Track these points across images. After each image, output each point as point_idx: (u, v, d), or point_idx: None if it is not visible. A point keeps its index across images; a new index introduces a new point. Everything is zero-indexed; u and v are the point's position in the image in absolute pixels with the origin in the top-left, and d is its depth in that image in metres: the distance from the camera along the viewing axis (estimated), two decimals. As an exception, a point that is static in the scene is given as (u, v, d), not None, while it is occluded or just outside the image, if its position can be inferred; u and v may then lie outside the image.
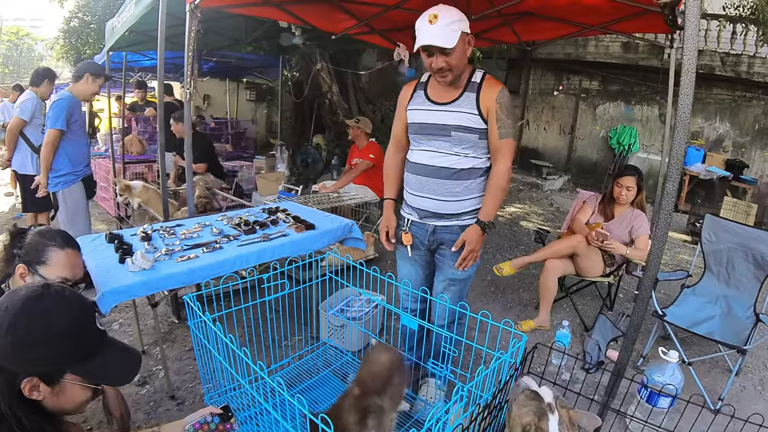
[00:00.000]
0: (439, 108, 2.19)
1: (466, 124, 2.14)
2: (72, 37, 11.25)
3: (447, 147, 2.19)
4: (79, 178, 3.76)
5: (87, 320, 1.28)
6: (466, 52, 2.08)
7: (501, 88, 2.15)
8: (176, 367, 2.81)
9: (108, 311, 1.91)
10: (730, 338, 2.89)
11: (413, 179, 2.31)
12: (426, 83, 2.28)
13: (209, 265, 2.19)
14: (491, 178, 2.23)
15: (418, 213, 2.33)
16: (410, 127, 2.30)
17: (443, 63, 2.01)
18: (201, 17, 2.90)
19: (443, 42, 1.94)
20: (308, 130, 9.20)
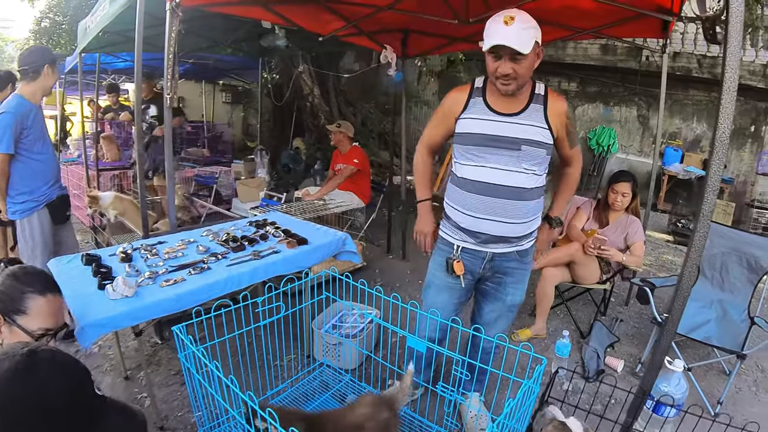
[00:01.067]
0: (505, 119, 1.99)
1: (537, 138, 1.97)
2: (43, 38, 10.90)
3: (514, 163, 1.99)
4: (41, 204, 3.05)
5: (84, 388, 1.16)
6: (535, 63, 1.91)
7: (565, 101, 2.06)
8: (163, 394, 2.64)
9: (89, 346, 1.74)
10: (727, 342, 2.89)
11: (473, 200, 2.06)
12: (483, 89, 2.05)
13: (198, 288, 2.03)
14: (567, 177, 2.25)
15: (476, 238, 2.11)
16: (466, 137, 2.06)
17: (510, 69, 1.83)
18: (183, 17, 2.74)
19: (518, 45, 1.77)
20: (288, 133, 9.02)
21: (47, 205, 3.08)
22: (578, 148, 2.18)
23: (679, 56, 8.61)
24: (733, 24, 1.40)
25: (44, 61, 2.96)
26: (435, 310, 2.16)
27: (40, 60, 2.95)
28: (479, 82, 2.07)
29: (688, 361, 3.07)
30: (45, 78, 2.98)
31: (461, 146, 2.09)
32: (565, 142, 2.08)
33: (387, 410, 1.61)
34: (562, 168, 2.27)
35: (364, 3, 3.62)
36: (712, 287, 3.42)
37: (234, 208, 5.48)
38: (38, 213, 3.05)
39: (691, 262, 1.62)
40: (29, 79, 2.96)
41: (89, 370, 1.21)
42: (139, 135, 3.07)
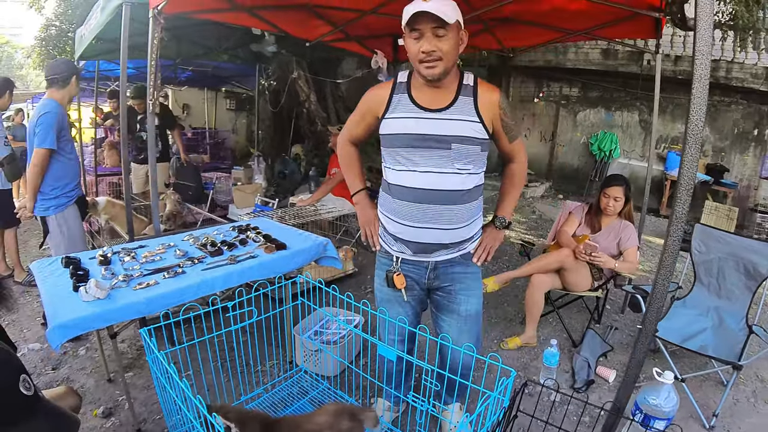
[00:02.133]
0: (432, 116, 1.83)
1: (468, 133, 1.83)
2: (49, 45, 11.02)
3: (446, 163, 1.84)
4: (73, 199, 3.30)
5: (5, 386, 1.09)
6: (459, 45, 1.77)
7: (499, 92, 1.91)
8: (143, 397, 2.63)
9: (58, 347, 1.73)
10: (723, 352, 2.81)
11: (407, 208, 1.92)
12: (407, 84, 1.90)
13: (170, 292, 2.00)
14: (510, 175, 2.11)
15: (413, 247, 1.98)
16: (392, 139, 1.90)
17: (434, 46, 1.69)
18: (164, 24, 2.75)
19: (440, 12, 1.63)
20: (287, 139, 9.03)
21: (76, 201, 3.33)
22: (520, 141, 2.03)
23: (681, 60, 8.55)
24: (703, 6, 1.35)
25: (72, 72, 3.25)
26: (403, 318, 2.03)
27: (69, 71, 3.23)
28: (402, 76, 1.94)
29: (684, 371, 2.99)
30: (71, 87, 3.25)
31: (388, 149, 1.95)
32: (503, 136, 1.94)
33: (349, 420, 1.57)
34: (505, 165, 2.13)
35: (349, 7, 3.62)
36: (708, 294, 3.35)
37: (230, 214, 5.48)
38: (70, 208, 3.28)
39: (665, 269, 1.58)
40: (59, 87, 3.20)
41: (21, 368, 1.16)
42: (124, 140, 3.08)
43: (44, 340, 3.24)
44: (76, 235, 3.32)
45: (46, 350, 3.12)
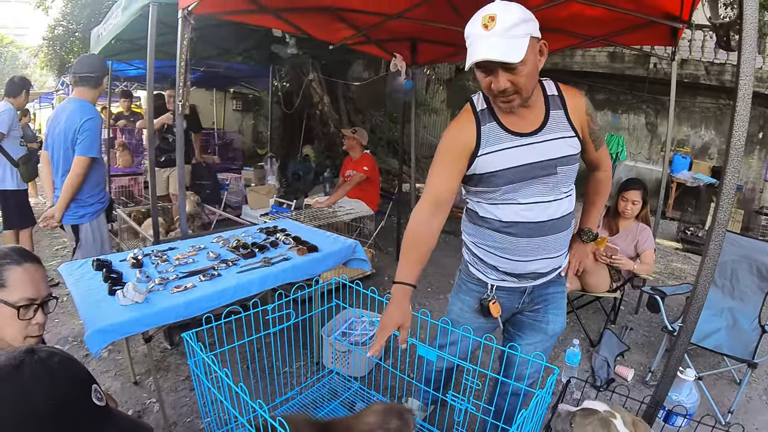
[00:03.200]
0: (531, 140, 1.61)
1: (569, 152, 1.64)
2: (56, 45, 11.02)
3: (553, 190, 1.65)
4: (105, 205, 3.21)
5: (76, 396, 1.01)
6: (538, 64, 1.50)
7: (584, 96, 1.71)
8: (172, 399, 2.64)
9: (99, 353, 1.74)
10: (738, 351, 2.86)
11: (516, 243, 1.70)
12: (490, 111, 1.64)
13: (208, 295, 2.03)
14: (598, 183, 1.93)
15: (521, 279, 1.80)
16: (496, 177, 1.63)
17: (507, 83, 1.45)
18: (194, 24, 2.77)
19: (505, 54, 1.39)
20: (297, 140, 9.06)
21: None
22: (605, 147, 1.84)
23: (686, 63, 8.61)
24: (748, 30, 1.38)
25: (105, 72, 3.12)
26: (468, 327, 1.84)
27: (103, 71, 3.08)
28: (479, 102, 1.67)
29: (698, 369, 3.04)
30: (101, 88, 3.11)
31: (488, 189, 1.68)
32: (590, 144, 1.75)
33: (397, 419, 1.59)
34: (591, 172, 1.94)
35: (374, 11, 3.65)
36: (722, 295, 3.39)
37: (244, 215, 5.50)
38: (102, 214, 3.19)
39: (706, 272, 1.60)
40: (91, 86, 3.02)
41: (91, 377, 1.07)
42: (150, 141, 3.09)
43: (64, 342, 3.26)
44: (106, 240, 3.24)
45: (69, 352, 3.12)
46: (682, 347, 1.76)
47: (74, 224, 3.08)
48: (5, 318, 1.34)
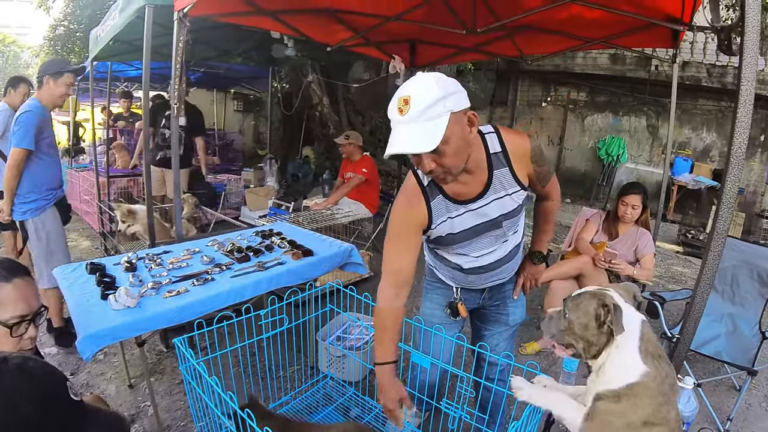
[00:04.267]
0: (474, 206, 1.66)
1: (514, 206, 1.69)
2: (57, 45, 11.04)
3: (499, 239, 1.78)
4: (50, 203, 3.13)
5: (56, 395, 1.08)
6: (466, 138, 1.43)
7: (528, 142, 1.67)
8: (166, 403, 2.63)
9: (89, 358, 1.72)
10: (737, 358, 2.84)
11: (466, 278, 1.90)
12: (435, 184, 1.63)
13: (200, 300, 2.02)
14: (544, 212, 1.98)
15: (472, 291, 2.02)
16: (446, 240, 1.73)
17: (432, 165, 1.42)
18: (190, 26, 2.75)
19: (420, 145, 1.34)
20: (297, 141, 9.05)
21: (56, 204, 3.17)
22: (553, 179, 1.84)
23: (688, 65, 8.58)
24: (750, 34, 1.36)
25: (44, 72, 3.07)
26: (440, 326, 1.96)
27: (43, 71, 3.09)
28: (425, 177, 1.64)
29: (698, 376, 3.02)
30: (47, 88, 3.06)
31: (440, 246, 1.82)
32: (537, 185, 1.78)
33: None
34: (540, 201, 1.99)
35: (372, 13, 3.64)
36: (722, 301, 3.37)
37: (243, 216, 5.49)
38: (49, 210, 3.12)
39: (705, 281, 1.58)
40: (39, 87, 3.10)
41: (64, 376, 1.15)
42: (146, 142, 3.08)
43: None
44: (55, 240, 3.17)
45: (63, 355, 3.11)
46: (680, 356, 1.74)
47: (20, 220, 3.11)
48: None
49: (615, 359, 1.25)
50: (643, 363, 1.21)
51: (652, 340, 1.27)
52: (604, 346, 1.27)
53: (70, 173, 7.10)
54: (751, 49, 1.37)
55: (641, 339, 1.25)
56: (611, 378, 1.24)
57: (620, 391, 1.21)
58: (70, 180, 7.09)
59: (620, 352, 1.24)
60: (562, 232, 7.16)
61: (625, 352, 1.24)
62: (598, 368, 1.28)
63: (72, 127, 8.61)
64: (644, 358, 1.22)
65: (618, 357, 1.25)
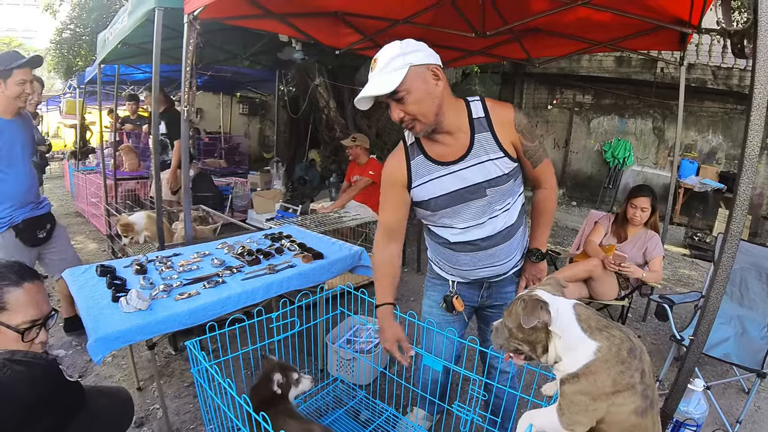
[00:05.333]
0: (455, 168, 1.71)
1: (497, 173, 1.70)
2: (63, 49, 11.10)
3: (485, 211, 1.75)
4: (5, 226, 2.71)
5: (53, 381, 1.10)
6: (431, 89, 1.57)
7: (512, 110, 1.74)
8: (175, 405, 2.63)
9: (100, 361, 1.73)
10: (746, 360, 2.85)
11: (459, 257, 1.87)
12: (418, 144, 1.77)
13: (212, 303, 2.02)
14: (539, 203, 1.94)
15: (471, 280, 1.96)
16: (429, 204, 1.78)
17: (401, 113, 1.58)
18: (200, 30, 2.76)
19: (375, 89, 1.54)
20: (303, 145, 9.07)
21: (12, 227, 2.75)
22: (547, 163, 1.86)
23: (693, 68, 8.55)
24: (763, 38, 1.35)
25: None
26: (452, 329, 1.97)
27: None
28: (410, 137, 1.79)
29: (707, 378, 3.01)
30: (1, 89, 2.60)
31: (426, 212, 1.84)
32: (527, 162, 1.79)
33: None
34: (534, 191, 1.96)
35: (381, 16, 3.64)
36: (731, 303, 3.36)
37: (249, 219, 5.50)
38: (6, 234, 2.73)
39: (718, 285, 1.57)
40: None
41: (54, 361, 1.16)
42: (155, 147, 3.08)
43: (69, 347, 3.25)
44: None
45: (71, 357, 3.12)
46: (692, 361, 1.72)
47: None
48: (9, 341, 1.32)
49: (563, 348, 1.28)
50: (592, 339, 1.24)
51: (592, 316, 1.29)
52: (546, 340, 1.30)
53: (77, 176, 7.14)
54: (764, 53, 1.36)
55: (579, 319, 1.28)
56: (568, 364, 1.27)
57: (579, 371, 1.24)
58: (77, 182, 7.13)
59: (565, 339, 1.27)
60: (569, 236, 7.16)
61: (569, 337, 1.27)
62: (554, 362, 1.32)
63: (79, 130, 8.66)
64: (591, 334, 1.25)
65: (565, 344, 1.27)
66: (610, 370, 1.21)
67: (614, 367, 1.21)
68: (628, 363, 1.21)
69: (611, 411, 1.21)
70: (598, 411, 1.21)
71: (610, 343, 1.23)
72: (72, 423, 1.08)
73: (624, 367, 1.20)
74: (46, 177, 8.42)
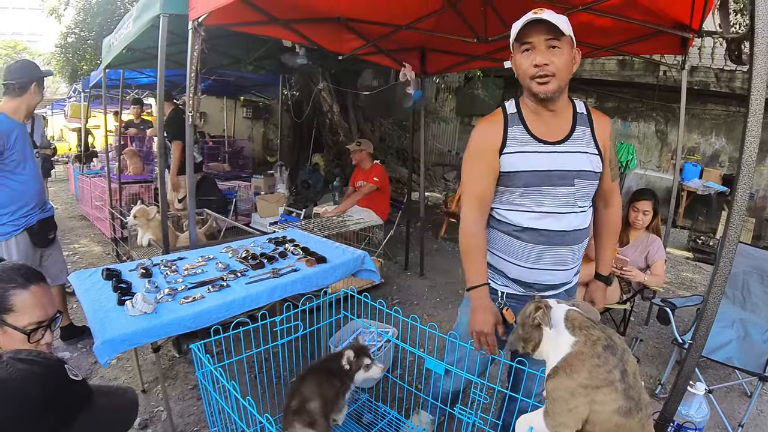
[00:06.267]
0: (553, 149, 1.68)
1: (589, 167, 1.69)
2: (68, 53, 11.16)
3: (569, 202, 1.69)
4: (20, 228, 2.80)
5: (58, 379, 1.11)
6: (572, 61, 1.62)
7: (609, 120, 1.80)
8: (179, 408, 2.65)
9: (107, 363, 1.75)
10: (749, 364, 2.85)
11: (526, 249, 1.75)
12: (519, 115, 1.73)
13: (216, 306, 2.04)
14: (608, 223, 1.91)
15: (528, 288, 1.82)
16: (515, 177, 1.70)
17: (548, 59, 1.56)
18: (205, 36, 2.79)
19: (555, 20, 1.52)
20: (306, 148, 9.11)
21: (27, 229, 2.85)
22: (617, 187, 1.89)
23: (696, 70, 8.55)
24: (760, 44, 1.36)
25: (32, 78, 2.77)
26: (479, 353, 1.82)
27: (28, 76, 2.76)
28: (511, 106, 1.76)
29: (709, 382, 3.01)
30: (30, 96, 2.78)
31: (507, 188, 1.73)
32: (607, 171, 1.79)
33: None
34: (601, 209, 1.92)
35: (384, 22, 3.67)
36: (733, 307, 3.36)
37: (253, 223, 5.52)
38: (17, 238, 2.81)
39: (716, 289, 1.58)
40: (14, 95, 2.76)
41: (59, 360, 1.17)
42: (161, 152, 3.11)
43: (74, 348, 3.28)
44: None
45: (76, 359, 3.14)
46: (691, 364, 1.73)
47: None
48: (15, 342, 1.35)
49: (549, 344, 1.40)
50: (572, 335, 1.33)
51: (578, 317, 1.37)
52: (539, 339, 1.43)
53: (81, 179, 7.18)
54: (761, 59, 1.37)
55: (566, 319, 1.37)
56: (551, 359, 1.37)
57: (558, 365, 1.32)
58: (81, 186, 7.17)
59: (551, 336, 1.39)
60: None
61: (554, 334, 1.38)
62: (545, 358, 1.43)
63: (83, 133, 8.72)
64: (572, 331, 1.34)
65: (551, 340, 1.39)
66: (585, 362, 1.26)
67: (589, 359, 1.26)
68: (605, 358, 1.26)
69: (594, 410, 1.25)
70: (579, 409, 1.26)
71: (587, 338, 1.30)
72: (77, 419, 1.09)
73: (600, 361, 1.25)
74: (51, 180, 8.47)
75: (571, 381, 1.26)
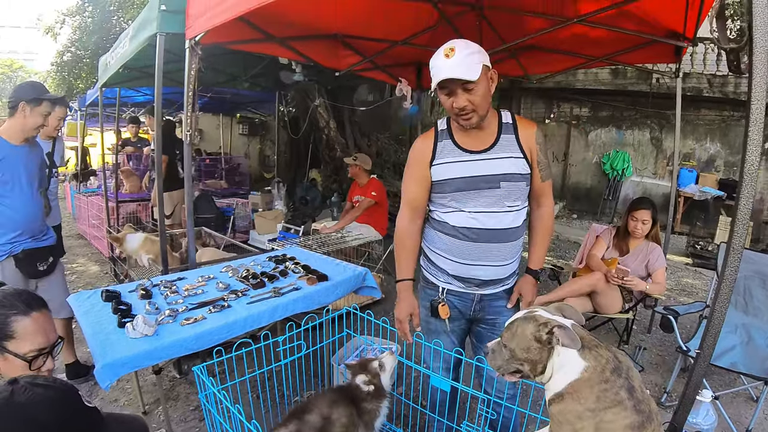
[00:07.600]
0: (478, 157, 1.88)
1: (514, 170, 1.87)
2: (64, 71, 11.20)
3: (496, 202, 1.88)
4: (6, 255, 2.64)
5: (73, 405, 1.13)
6: (490, 88, 1.79)
7: (537, 127, 1.96)
8: (181, 430, 2.63)
9: (108, 387, 1.72)
10: (754, 368, 2.83)
11: (461, 246, 1.93)
12: (448, 131, 1.94)
13: (218, 327, 2.02)
14: (538, 220, 2.07)
15: (466, 283, 1.99)
16: (445, 185, 1.91)
17: (465, 101, 1.74)
18: (202, 54, 2.80)
19: (464, 73, 1.68)
20: (304, 164, 9.11)
21: (13, 257, 2.69)
22: (550, 183, 2.03)
23: (689, 77, 8.60)
24: (758, 54, 1.36)
25: (21, 97, 2.63)
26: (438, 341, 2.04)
27: (18, 96, 2.64)
28: (442, 123, 1.97)
29: (714, 388, 2.98)
30: (21, 116, 2.63)
31: (438, 194, 1.96)
32: (536, 174, 1.95)
33: None
34: (534, 210, 2.09)
35: (380, 38, 3.69)
36: (736, 311, 3.37)
37: (252, 240, 5.51)
38: (2, 264, 2.66)
39: (722, 298, 1.57)
40: (9, 115, 2.68)
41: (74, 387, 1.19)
42: (159, 169, 3.10)
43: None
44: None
45: (75, 381, 3.11)
46: (699, 375, 1.72)
47: None
48: (16, 369, 1.34)
49: (558, 366, 1.31)
50: (582, 359, 1.28)
51: (586, 336, 1.34)
52: (547, 360, 1.34)
53: (78, 198, 7.16)
54: (759, 69, 1.38)
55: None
56: (557, 383, 1.31)
57: (563, 390, 1.28)
58: (78, 204, 7.15)
59: (561, 358, 1.31)
60: (571, 248, 7.16)
61: (565, 356, 1.30)
62: (548, 380, 1.35)
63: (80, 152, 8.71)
64: (582, 353, 1.28)
65: (560, 362, 1.31)
66: (593, 388, 1.24)
67: (597, 385, 1.24)
68: (612, 381, 1.23)
69: (601, 428, 1.22)
70: (585, 430, 1.23)
71: (597, 363, 1.26)
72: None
73: (608, 386, 1.23)
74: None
75: (578, 405, 1.24)
